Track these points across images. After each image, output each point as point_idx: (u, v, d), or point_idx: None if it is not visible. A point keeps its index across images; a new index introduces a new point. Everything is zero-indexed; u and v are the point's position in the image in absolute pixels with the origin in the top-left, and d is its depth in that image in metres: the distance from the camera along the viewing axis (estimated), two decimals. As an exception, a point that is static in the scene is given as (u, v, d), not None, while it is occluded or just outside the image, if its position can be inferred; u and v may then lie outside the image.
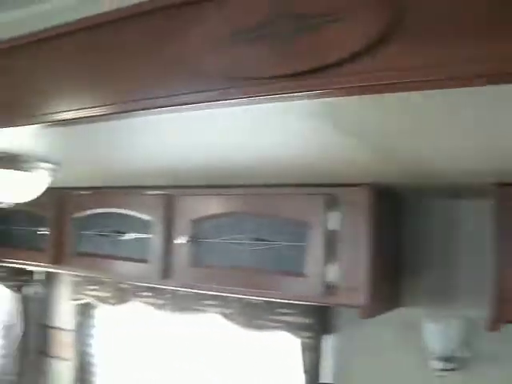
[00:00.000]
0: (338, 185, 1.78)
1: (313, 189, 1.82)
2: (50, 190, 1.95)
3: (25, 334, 3.13)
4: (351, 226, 1.75)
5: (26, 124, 1.25)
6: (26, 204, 1.96)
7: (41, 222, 2.60)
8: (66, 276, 3.02)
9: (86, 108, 1.12)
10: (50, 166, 1.82)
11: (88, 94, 1.13)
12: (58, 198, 2.50)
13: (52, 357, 3.18)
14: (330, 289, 1.77)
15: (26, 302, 3.13)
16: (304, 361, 2.17)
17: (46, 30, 1.18)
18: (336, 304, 1.88)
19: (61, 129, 1.25)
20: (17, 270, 2.94)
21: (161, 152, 1.54)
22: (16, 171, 1.76)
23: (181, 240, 2.05)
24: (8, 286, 3.04)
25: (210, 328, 2.51)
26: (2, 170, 1.74)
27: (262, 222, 1.92)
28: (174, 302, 2.45)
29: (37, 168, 1.79)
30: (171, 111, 1.03)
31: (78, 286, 2.88)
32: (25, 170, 1.77)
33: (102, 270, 2.39)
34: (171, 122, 1.14)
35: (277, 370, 2.34)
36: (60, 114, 1.17)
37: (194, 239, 2.04)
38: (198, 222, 2.05)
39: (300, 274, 1.81)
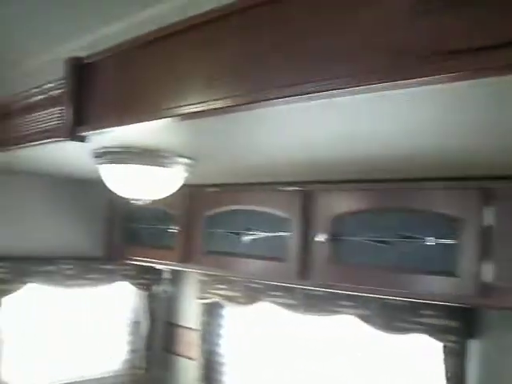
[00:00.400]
0: (493, 178, 1.65)
1: (466, 182, 1.70)
2: (179, 188, 1.96)
3: (151, 332, 3.21)
4: (508, 221, 1.62)
5: (160, 118, 1.24)
6: (155, 202, 1.98)
7: (170, 220, 2.63)
8: (193, 275, 3.04)
9: (219, 99, 1.08)
10: (186, 161, 1.81)
11: (223, 84, 1.09)
12: (187, 196, 2.51)
13: (178, 355, 3.24)
14: (484, 290, 1.64)
15: (152, 299, 3.21)
16: (446, 367, 2.03)
17: (178, 22, 1.17)
18: (492, 306, 1.74)
19: (196, 123, 1.22)
20: (145, 269, 3.01)
21: (298, 146, 1.48)
22: (154, 167, 1.77)
23: (320, 238, 1.99)
24: (135, 284, 3.11)
25: (344, 330, 2.43)
26: (140, 166, 1.75)
27: (407, 218, 1.83)
28: (307, 303, 2.38)
29: (174, 164, 1.79)
30: (324, 97, 0.93)
31: (205, 285, 2.88)
32: (162, 166, 1.78)
33: (232, 268, 2.37)
34: (316, 110, 1.04)
35: (416, 376, 2.22)
36: (194, 106, 1.14)
37: (334, 237, 1.97)
38: (337, 219, 1.98)
39: (451, 274, 1.70)
